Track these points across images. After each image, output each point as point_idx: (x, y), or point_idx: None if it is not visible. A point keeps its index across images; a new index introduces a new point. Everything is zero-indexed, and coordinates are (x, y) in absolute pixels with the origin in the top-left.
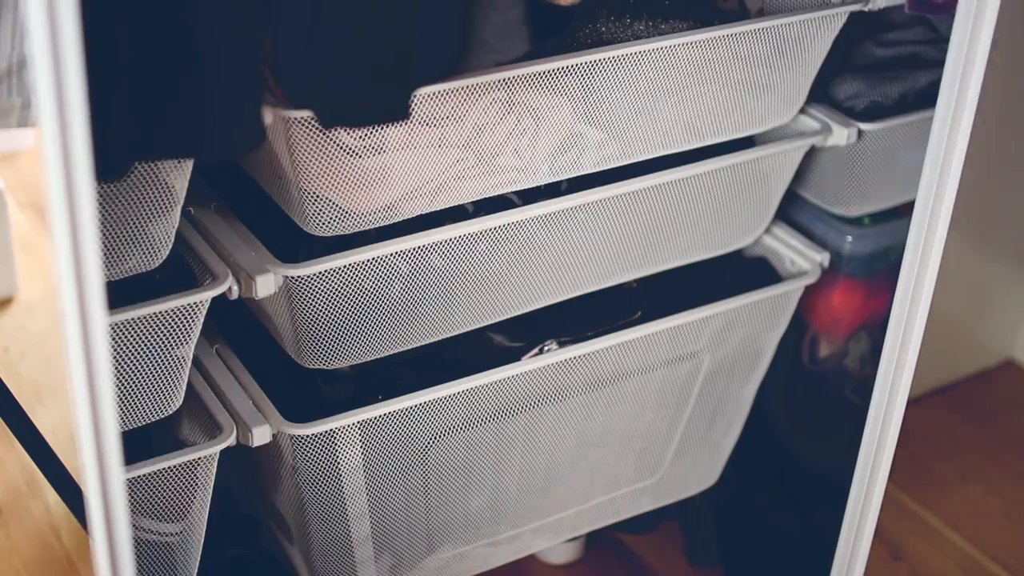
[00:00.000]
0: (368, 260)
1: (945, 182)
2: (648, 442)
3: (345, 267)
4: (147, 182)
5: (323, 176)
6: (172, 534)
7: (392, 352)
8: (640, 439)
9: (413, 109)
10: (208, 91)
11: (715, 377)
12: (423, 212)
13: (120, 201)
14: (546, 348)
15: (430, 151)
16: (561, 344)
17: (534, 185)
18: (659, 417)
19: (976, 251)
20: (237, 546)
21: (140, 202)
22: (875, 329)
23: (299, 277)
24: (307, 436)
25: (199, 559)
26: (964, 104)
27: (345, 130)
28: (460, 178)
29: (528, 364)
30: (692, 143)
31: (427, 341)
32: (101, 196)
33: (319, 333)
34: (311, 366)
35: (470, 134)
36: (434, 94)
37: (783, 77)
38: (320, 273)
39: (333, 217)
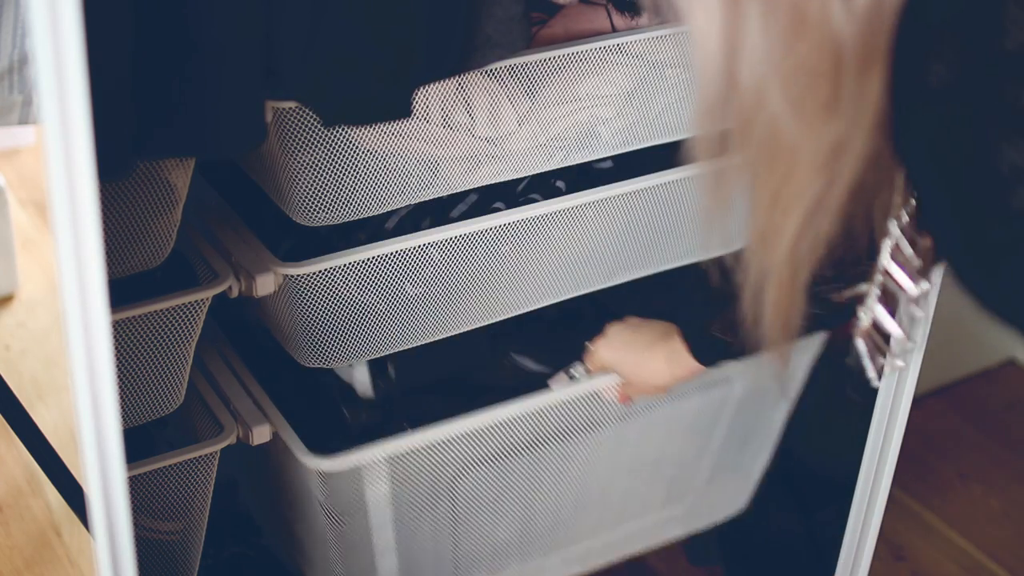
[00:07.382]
0: (367, 259)
1: None
2: (679, 469)
3: (344, 266)
4: (149, 180)
5: None
6: (173, 532)
7: (391, 351)
8: (671, 466)
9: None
10: (210, 89)
11: (747, 402)
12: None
13: (122, 199)
14: (571, 372)
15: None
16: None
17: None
18: (690, 444)
19: None
20: (237, 544)
21: (142, 200)
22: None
23: (299, 276)
24: (335, 472)
25: (200, 557)
26: None
27: None
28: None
29: (563, 393)
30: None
31: (427, 340)
32: (103, 194)
33: (318, 331)
34: (311, 364)
35: None
36: None
37: None
38: (320, 272)
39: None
